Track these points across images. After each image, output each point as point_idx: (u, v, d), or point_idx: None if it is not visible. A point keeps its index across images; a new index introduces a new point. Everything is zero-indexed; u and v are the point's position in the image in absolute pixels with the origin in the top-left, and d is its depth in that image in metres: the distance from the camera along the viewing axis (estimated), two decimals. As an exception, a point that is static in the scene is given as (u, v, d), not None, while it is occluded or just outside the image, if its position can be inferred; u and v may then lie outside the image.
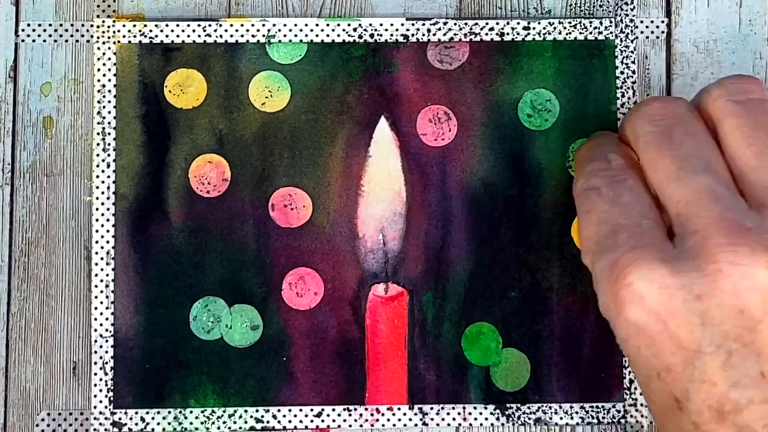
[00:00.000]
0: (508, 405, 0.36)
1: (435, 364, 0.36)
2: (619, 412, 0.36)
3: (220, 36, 0.37)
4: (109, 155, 0.37)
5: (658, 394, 0.30)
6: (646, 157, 0.32)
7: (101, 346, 0.36)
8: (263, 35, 0.37)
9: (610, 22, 0.38)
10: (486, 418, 0.36)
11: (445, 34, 0.38)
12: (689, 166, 0.30)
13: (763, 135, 0.31)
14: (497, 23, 0.38)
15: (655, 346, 0.29)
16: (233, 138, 0.37)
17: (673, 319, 0.28)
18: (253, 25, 0.37)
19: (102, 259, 0.36)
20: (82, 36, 0.37)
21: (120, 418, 0.36)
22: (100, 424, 0.36)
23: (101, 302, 0.36)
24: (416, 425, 0.36)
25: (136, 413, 0.36)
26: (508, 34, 0.38)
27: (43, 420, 0.36)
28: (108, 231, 0.37)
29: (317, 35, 0.37)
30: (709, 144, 0.31)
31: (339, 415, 0.36)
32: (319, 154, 0.37)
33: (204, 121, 0.37)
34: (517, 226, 0.37)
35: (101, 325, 0.36)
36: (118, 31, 0.37)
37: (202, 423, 0.36)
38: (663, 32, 0.38)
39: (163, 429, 0.36)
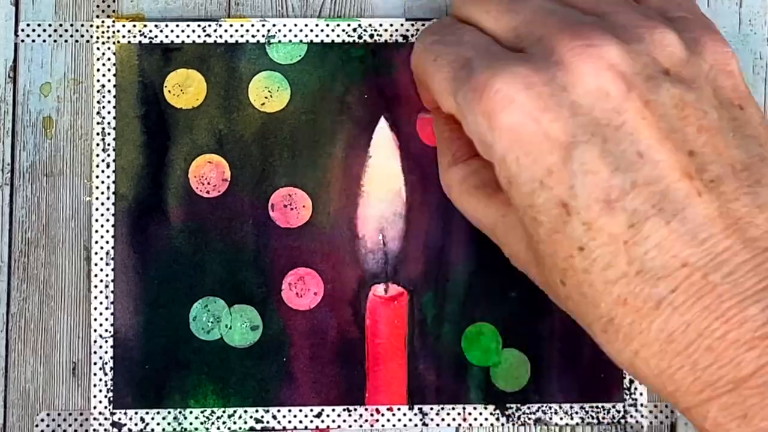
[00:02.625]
0: (508, 405, 0.36)
1: (435, 365, 0.36)
2: (619, 412, 0.36)
3: (220, 36, 0.37)
4: (108, 155, 0.37)
5: (543, 206, 0.29)
6: (472, 8, 0.32)
7: (101, 347, 0.36)
8: (263, 35, 0.37)
9: (610, 22, 0.38)
10: (486, 419, 0.36)
11: (444, 35, 0.38)
12: None
13: None
14: (497, 23, 0.38)
15: (533, 150, 0.29)
16: (233, 138, 0.37)
17: (546, 115, 0.28)
18: (252, 25, 0.37)
19: (102, 259, 0.36)
20: (82, 36, 0.37)
21: (120, 419, 0.36)
22: (100, 424, 0.36)
23: (101, 302, 0.36)
24: (416, 425, 0.36)
25: (136, 413, 0.36)
26: (508, 34, 0.38)
27: (42, 420, 0.36)
28: (108, 231, 0.37)
29: (317, 35, 0.37)
30: None
31: (339, 415, 0.36)
32: (318, 154, 0.37)
33: (204, 121, 0.37)
34: (517, 226, 0.37)
35: (101, 325, 0.36)
36: (118, 31, 0.37)
37: (201, 423, 0.36)
38: (663, 32, 0.38)
39: (163, 429, 0.36)
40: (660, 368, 0.28)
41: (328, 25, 0.37)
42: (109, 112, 0.37)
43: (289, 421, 0.36)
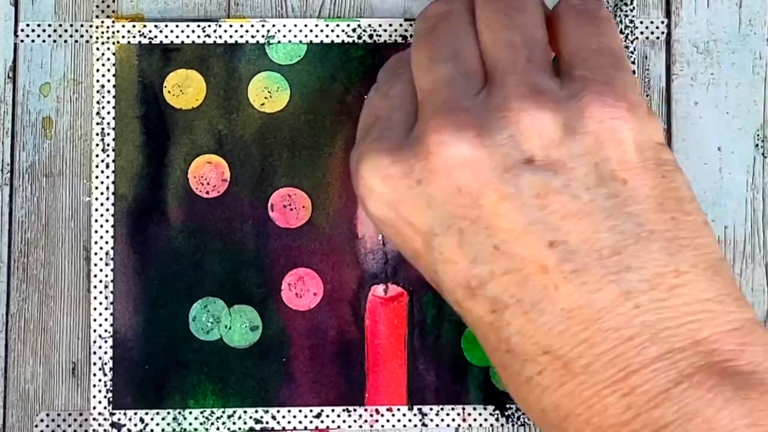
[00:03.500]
0: (507, 405, 0.36)
1: (435, 365, 0.36)
2: (619, 412, 0.36)
3: (220, 36, 0.37)
4: (108, 156, 0.37)
5: (426, 275, 0.31)
6: (413, 50, 0.32)
7: (100, 347, 0.36)
8: (263, 36, 0.37)
9: (610, 22, 0.38)
10: (486, 419, 0.36)
11: (444, 35, 0.38)
12: (438, 56, 0.31)
13: (501, 16, 0.31)
14: (497, 23, 0.38)
15: (399, 234, 0.30)
16: (233, 138, 0.37)
17: (404, 207, 0.29)
18: (252, 25, 0.37)
19: (101, 259, 0.36)
20: (82, 36, 0.37)
21: (119, 419, 0.36)
22: (99, 424, 0.36)
23: (100, 303, 0.36)
24: (416, 426, 0.36)
25: (136, 414, 0.36)
26: (507, 34, 0.38)
27: (42, 420, 0.36)
28: (107, 231, 0.37)
29: (316, 36, 0.37)
30: (467, 35, 0.31)
31: (338, 415, 0.36)
32: (318, 154, 0.37)
33: (203, 121, 0.37)
34: (516, 226, 0.37)
35: (100, 325, 0.36)
36: (118, 31, 0.37)
37: (201, 424, 0.36)
38: (663, 33, 0.38)
39: (163, 430, 0.36)
40: (545, 430, 0.29)
41: (327, 26, 0.37)
42: (108, 113, 0.37)
43: (289, 422, 0.36)
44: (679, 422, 0.26)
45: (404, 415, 0.36)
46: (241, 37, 0.37)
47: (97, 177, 0.37)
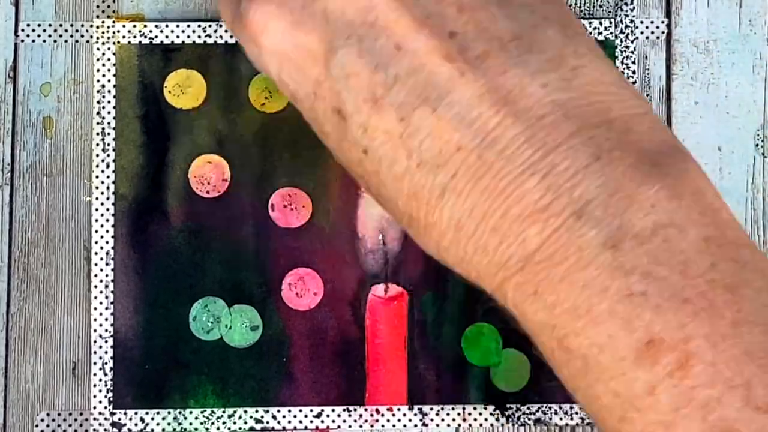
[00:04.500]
0: (508, 405, 0.36)
1: (435, 365, 0.36)
2: (619, 412, 0.36)
3: (220, 37, 0.37)
4: (108, 155, 0.37)
5: (322, 116, 0.29)
6: None
7: (101, 347, 0.36)
8: (263, 35, 0.37)
9: (610, 22, 0.38)
10: (486, 419, 0.36)
11: (444, 35, 0.38)
12: None
13: None
14: (497, 23, 0.38)
15: (299, 65, 0.29)
16: (233, 138, 0.37)
17: (301, 30, 0.28)
18: (252, 25, 0.37)
19: (101, 259, 0.36)
20: (82, 36, 0.37)
21: (119, 419, 0.36)
22: (100, 424, 0.36)
23: (101, 302, 0.36)
24: (416, 426, 0.36)
25: (136, 413, 0.36)
26: (507, 34, 0.38)
27: (42, 420, 0.36)
28: (107, 231, 0.37)
29: (317, 35, 0.37)
30: None
31: (339, 415, 0.36)
32: (319, 154, 0.37)
33: (204, 121, 0.37)
34: (516, 226, 0.37)
35: (101, 325, 0.36)
36: (118, 31, 0.37)
37: (201, 423, 0.36)
38: (663, 32, 0.38)
39: (163, 429, 0.36)
40: (458, 256, 0.28)
41: (328, 26, 0.37)
42: (109, 113, 0.37)
43: (289, 422, 0.36)
44: (601, 198, 0.26)
45: (404, 415, 0.36)
46: (242, 37, 0.37)
47: (97, 177, 0.37)
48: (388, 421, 0.36)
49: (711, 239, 0.26)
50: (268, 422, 0.36)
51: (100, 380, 0.36)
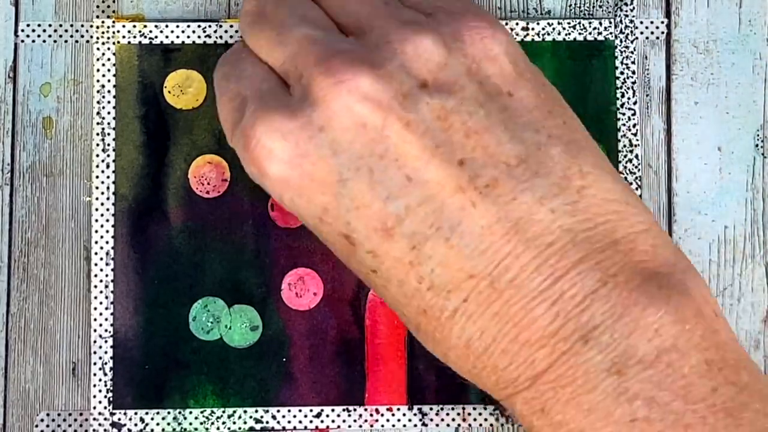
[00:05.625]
0: (507, 405, 0.36)
1: (435, 365, 0.36)
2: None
3: (220, 37, 0.37)
4: (108, 156, 0.37)
5: (329, 237, 0.30)
6: (250, 42, 0.32)
7: (101, 347, 0.36)
8: (263, 36, 0.37)
9: (610, 22, 0.38)
10: (486, 419, 0.36)
11: (444, 35, 0.38)
12: (285, 28, 0.30)
13: None
14: (497, 23, 0.38)
15: (305, 192, 0.29)
16: (233, 138, 0.37)
17: (307, 160, 0.28)
18: (252, 25, 0.37)
19: (101, 259, 0.36)
20: (82, 36, 0.37)
21: (119, 419, 0.36)
22: (100, 424, 0.36)
23: (101, 302, 0.36)
24: (416, 426, 0.36)
25: (136, 414, 0.36)
26: (507, 34, 0.38)
27: (42, 420, 0.36)
28: (107, 231, 0.37)
29: (317, 36, 0.37)
30: (301, 3, 0.31)
31: (338, 415, 0.36)
32: (318, 154, 0.37)
33: (204, 121, 0.37)
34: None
35: (101, 325, 0.36)
36: (118, 31, 0.37)
37: (201, 423, 0.36)
38: (663, 33, 0.38)
39: (163, 429, 0.36)
40: (466, 368, 0.29)
41: (327, 26, 0.37)
42: (108, 113, 0.37)
43: (289, 422, 0.36)
44: (608, 323, 0.27)
45: (404, 414, 0.36)
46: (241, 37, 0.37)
47: (97, 177, 0.37)
48: (387, 421, 0.36)
49: (712, 363, 0.27)
50: (267, 422, 0.36)
51: (100, 380, 0.36)
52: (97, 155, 0.37)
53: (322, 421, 0.36)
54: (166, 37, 0.37)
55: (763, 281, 0.37)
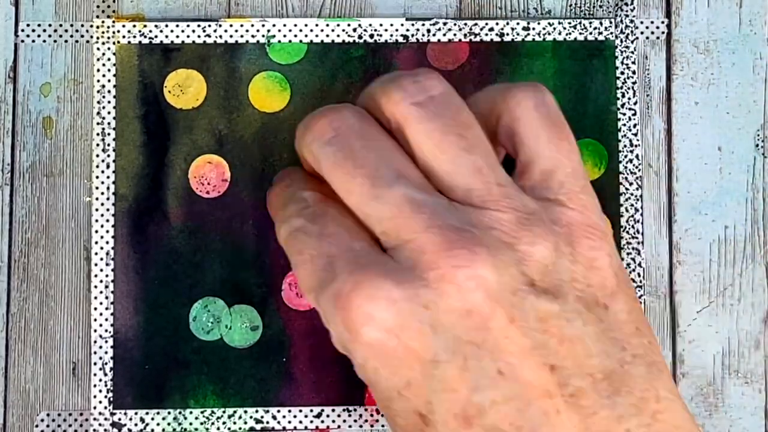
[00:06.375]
0: (508, 405, 0.36)
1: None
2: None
3: (220, 36, 0.37)
4: (108, 156, 0.37)
5: (401, 413, 0.29)
6: (334, 182, 0.30)
7: (101, 347, 0.36)
8: (263, 36, 0.37)
9: (610, 22, 0.38)
10: (486, 419, 0.36)
11: (444, 35, 0.38)
12: (381, 181, 0.29)
13: (453, 138, 0.29)
14: (497, 24, 0.38)
15: (393, 364, 0.28)
16: (233, 138, 0.37)
17: (406, 332, 0.27)
18: (252, 25, 0.37)
19: (102, 259, 0.36)
20: (82, 36, 0.37)
21: (120, 419, 0.36)
22: (100, 424, 0.36)
23: (101, 303, 0.36)
24: (416, 426, 0.36)
25: (136, 414, 0.36)
26: (507, 34, 0.38)
27: (42, 420, 0.36)
28: (108, 231, 0.37)
29: (317, 35, 0.37)
30: (396, 151, 0.30)
31: (339, 415, 0.36)
32: (318, 154, 0.37)
33: (204, 121, 0.37)
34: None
35: (101, 325, 0.36)
36: (118, 31, 0.37)
37: (201, 423, 0.36)
38: (663, 32, 0.38)
39: (163, 429, 0.36)
40: None
41: (328, 25, 0.37)
42: (109, 113, 0.37)
43: (289, 422, 0.36)
44: None
45: (404, 414, 0.36)
46: (242, 36, 0.37)
47: (97, 177, 0.37)
48: (388, 421, 0.36)
49: None
50: (268, 422, 0.36)
51: (100, 380, 0.36)
52: (97, 155, 0.37)
53: (322, 421, 0.36)
54: (166, 36, 0.37)
55: (763, 281, 0.37)
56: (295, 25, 0.37)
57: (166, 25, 0.37)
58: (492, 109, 0.31)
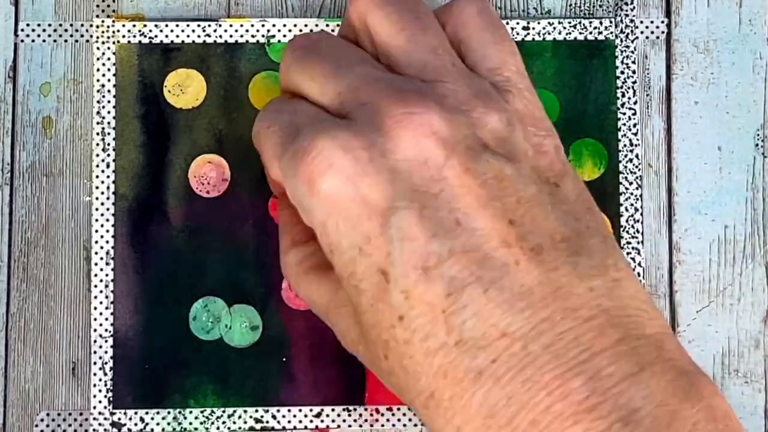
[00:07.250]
0: (507, 405, 0.36)
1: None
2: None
3: (220, 36, 0.37)
4: (108, 155, 0.37)
5: (365, 276, 0.29)
6: (302, 74, 0.31)
7: (101, 347, 0.36)
8: (263, 35, 0.37)
9: (610, 22, 0.38)
10: (486, 419, 0.36)
11: (444, 34, 0.38)
12: (344, 63, 0.30)
13: (410, 18, 0.31)
14: (497, 23, 0.38)
15: (352, 216, 0.28)
16: (233, 138, 0.37)
17: (364, 180, 0.28)
18: (252, 25, 0.37)
19: (102, 259, 0.36)
20: (82, 36, 0.37)
21: (119, 419, 0.36)
22: (100, 424, 0.36)
23: (101, 302, 0.36)
24: (416, 425, 0.36)
25: (136, 413, 0.36)
26: (507, 34, 0.38)
27: (42, 420, 0.36)
28: (108, 231, 0.37)
29: (317, 35, 0.37)
30: (359, 49, 0.32)
31: (339, 415, 0.36)
32: (318, 154, 0.37)
33: (204, 121, 0.37)
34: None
35: (101, 325, 0.36)
36: (118, 31, 0.37)
37: (201, 423, 0.36)
38: (663, 32, 0.38)
39: (163, 429, 0.36)
40: None
41: (327, 25, 0.37)
42: (109, 112, 0.37)
43: (289, 421, 0.36)
44: (648, 408, 0.26)
45: (404, 414, 0.36)
46: (242, 36, 0.37)
47: (97, 177, 0.37)
48: (387, 420, 0.36)
49: None
50: (268, 422, 0.36)
51: (100, 380, 0.36)
52: (97, 155, 0.37)
53: (322, 421, 0.36)
54: (166, 36, 0.37)
55: (763, 281, 0.37)
56: (295, 25, 0.37)
57: (166, 25, 0.37)
58: (438, 19, 0.32)
